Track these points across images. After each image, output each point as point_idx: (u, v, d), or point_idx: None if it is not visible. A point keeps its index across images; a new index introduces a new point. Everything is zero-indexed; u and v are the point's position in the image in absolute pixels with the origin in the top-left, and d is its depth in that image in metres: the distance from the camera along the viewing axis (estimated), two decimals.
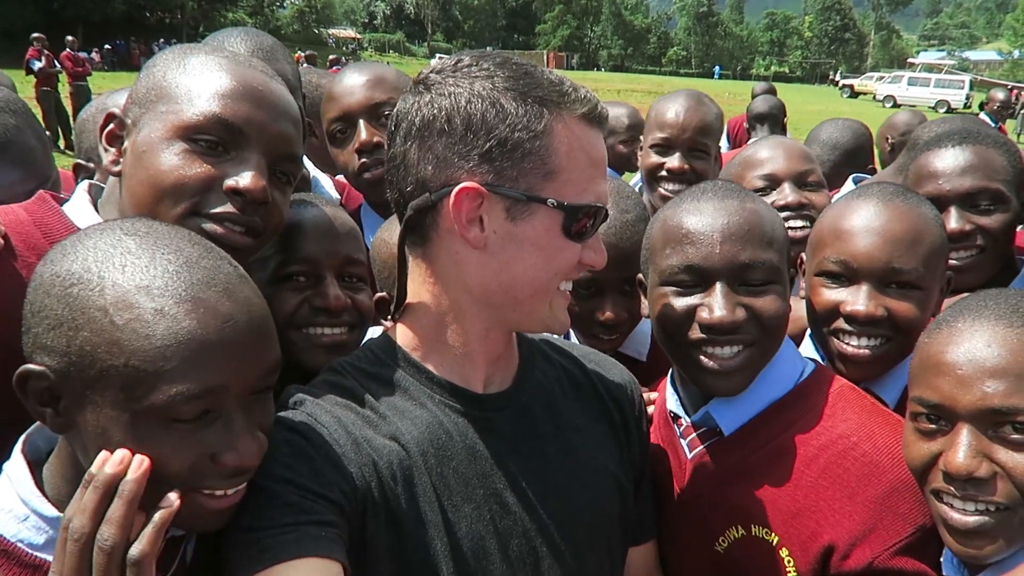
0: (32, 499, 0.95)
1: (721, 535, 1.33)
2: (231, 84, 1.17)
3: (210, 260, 0.94)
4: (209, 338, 0.89)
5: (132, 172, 1.16)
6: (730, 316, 1.26)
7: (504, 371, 1.19)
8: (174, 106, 1.15)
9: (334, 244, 1.43)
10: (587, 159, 1.06)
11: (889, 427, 1.29)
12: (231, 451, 0.93)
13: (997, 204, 1.78)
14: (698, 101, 2.51)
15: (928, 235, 1.45)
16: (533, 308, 1.09)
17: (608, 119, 1.11)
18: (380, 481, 1.03)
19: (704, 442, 1.39)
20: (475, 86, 1.03)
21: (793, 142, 2.24)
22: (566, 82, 1.07)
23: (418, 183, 1.06)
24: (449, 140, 1.03)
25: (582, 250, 1.09)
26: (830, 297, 1.48)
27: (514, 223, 1.04)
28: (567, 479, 1.18)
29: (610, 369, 1.35)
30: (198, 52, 1.22)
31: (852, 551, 1.20)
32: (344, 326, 1.42)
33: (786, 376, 1.36)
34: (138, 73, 1.26)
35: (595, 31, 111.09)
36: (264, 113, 1.19)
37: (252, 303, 0.95)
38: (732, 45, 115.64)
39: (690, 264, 1.29)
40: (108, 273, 0.88)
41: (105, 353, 0.86)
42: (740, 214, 1.30)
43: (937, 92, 41.04)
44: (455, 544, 1.05)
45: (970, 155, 1.79)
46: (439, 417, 1.10)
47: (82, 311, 0.87)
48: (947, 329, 1.15)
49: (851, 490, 1.23)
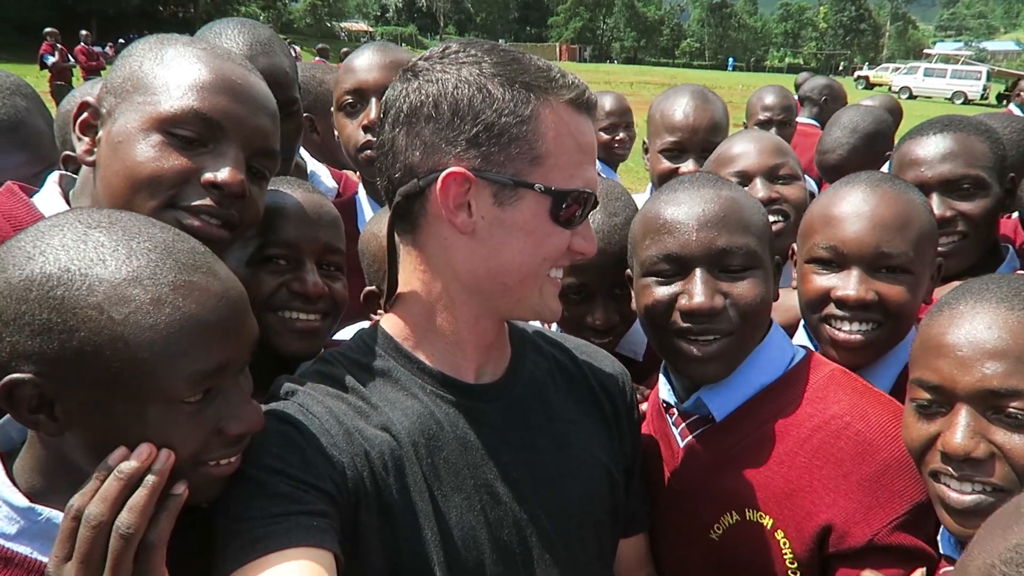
0: (3, 489, 0.95)
1: (715, 522, 1.33)
2: (209, 77, 1.16)
3: (184, 243, 0.95)
4: (209, 318, 0.91)
5: (107, 163, 1.15)
6: (708, 302, 1.27)
7: (496, 362, 1.19)
8: (151, 97, 1.14)
9: (315, 230, 1.42)
10: (575, 144, 1.06)
11: (881, 406, 1.29)
12: (236, 420, 0.95)
13: (978, 190, 1.78)
14: (705, 99, 2.43)
15: (917, 220, 1.47)
16: (522, 294, 1.09)
17: (597, 106, 1.11)
18: (372, 471, 1.04)
19: (696, 430, 1.39)
20: (462, 72, 1.03)
21: (766, 135, 2.20)
22: (554, 68, 1.07)
23: (406, 169, 1.06)
24: (436, 126, 1.03)
25: (571, 236, 1.08)
26: (821, 283, 1.49)
27: (501, 208, 1.04)
28: (558, 470, 1.18)
29: (602, 360, 1.35)
30: (175, 43, 1.21)
31: (850, 529, 1.20)
32: (319, 313, 1.42)
33: (776, 361, 1.37)
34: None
35: (608, 23, 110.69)
36: (242, 107, 1.19)
37: (232, 278, 0.98)
38: (746, 36, 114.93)
39: (668, 253, 1.31)
40: (91, 269, 0.86)
41: (109, 350, 0.86)
42: (716, 201, 1.32)
43: (954, 83, 40.61)
44: (446, 534, 1.05)
45: (951, 142, 1.80)
46: (430, 407, 1.11)
47: (73, 312, 0.85)
48: (948, 311, 1.16)
49: (846, 469, 1.23)
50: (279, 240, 1.39)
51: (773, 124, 3.60)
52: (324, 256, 1.44)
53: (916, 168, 1.82)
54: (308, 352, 1.37)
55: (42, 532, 0.94)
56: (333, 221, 1.47)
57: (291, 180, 1.49)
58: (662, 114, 2.45)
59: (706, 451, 1.36)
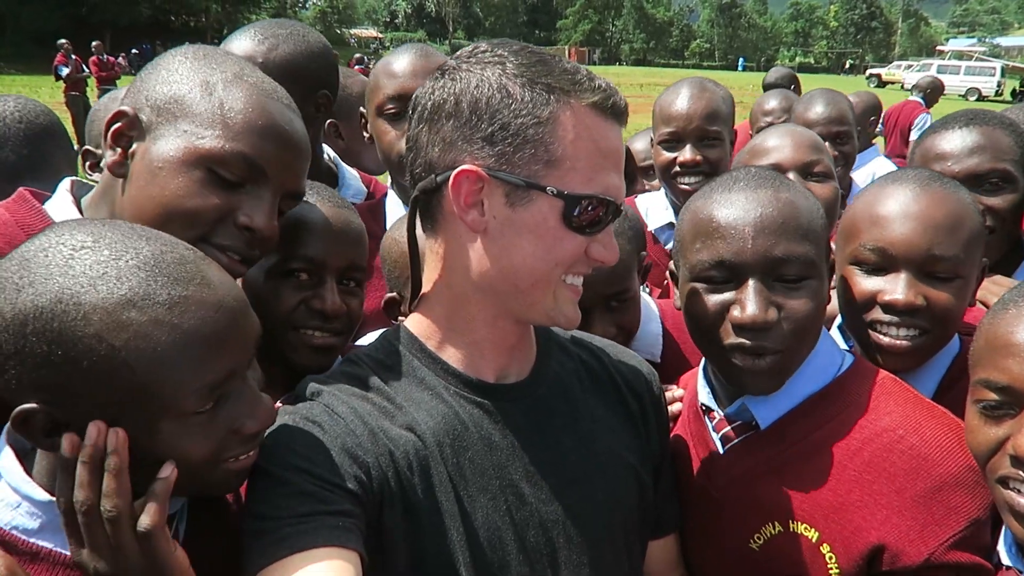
0: (23, 486, 0.97)
1: (756, 532, 1.29)
2: (259, 120, 1.18)
3: (171, 252, 0.93)
4: (209, 331, 0.91)
5: (142, 185, 1.16)
6: (762, 316, 1.20)
7: (521, 362, 1.19)
8: (200, 131, 1.15)
9: (340, 247, 1.42)
10: (595, 149, 1.04)
11: (935, 419, 1.24)
12: (251, 419, 0.97)
13: (1005, 184, 1.76)
14: (701, 87, 2.41)
15: (968, 221, 1.40)
16: (535, 298, 1.08)
17: (626, 112, 1.09)
18: (397, 471, 1.04)
19: (739, 436, 1.34)
20: (486, 72, 1.03)
21: (804, 131, 2.19)
22: (581, 71, 1.06)
23: (426, 165, 1.07)
24: (456, 123, 1.03)
25: (590, 244, 1.07)
26: (866, 286, 1.43)
27: (513, 209, 1.03)
28: (585, 470, 1.17)
29: (628, 360, 1.33)
30: (224, 69, 1.21)
31: (905, 548, 1.15)
32: (335, 331, 1.43)
33: (824, 368, 1.31)
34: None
35: (617, 25, 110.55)
36: (286, 154, 1.22)
37: (227, 282, 0.97)
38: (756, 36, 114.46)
39: (721, 259, 1.24)
40: (83, 297, 0.86)
41: (114, 376, 0.86)
42: (774, 205, 1.24)
43: (967, 80, 40.31)
44: (471, 534, 1.05)
45: (978, 136, 1.77)
46: (455, 408, 1.10)
47: (73, 344, 0.85)
48: (1015, 308, 1.11)
49: (899, 485, 1.18)
50: (303, 255, 1.39)
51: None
52: (346, 273, 1.44)
53: (942, 162, 1.78)
54: (321, 368, 1.36)
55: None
56: (358, 238, 1.46)
57: (320, 190, 1.47)
58: (660, 107, 2.46)
59: (749, 458, 1.31)
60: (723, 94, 2.47)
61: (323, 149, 2.20)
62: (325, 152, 2.23)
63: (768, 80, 5.34)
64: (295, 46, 1.89)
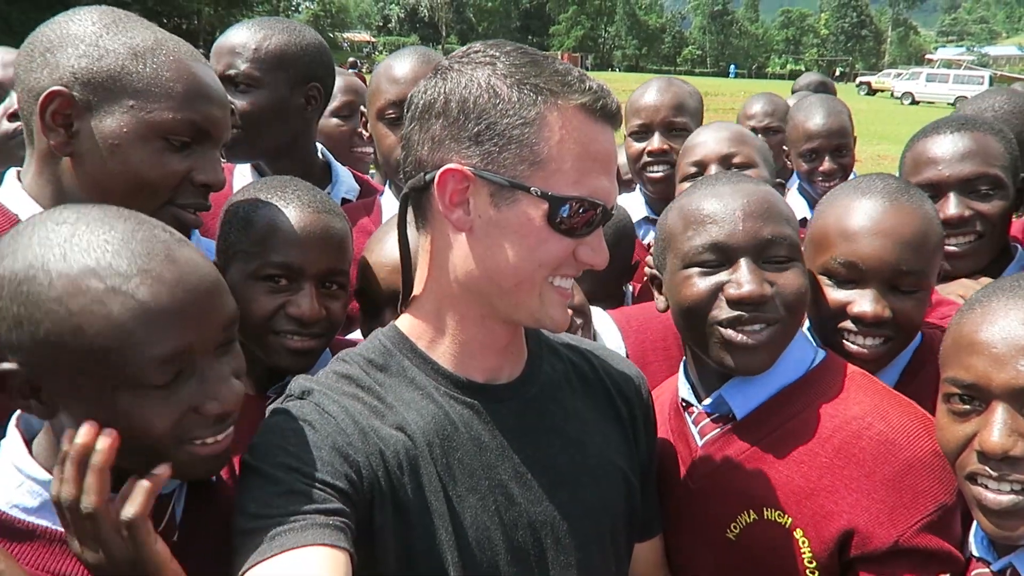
0: (26, 465, 1.01)
1: (732, 521, 1.32)
2: (197, 86, 1.27)
3: (144, 231, 0.97)
4: (163, 305, 0.93)
5: (101, 162, 1.22)
6: (759, 289, 1.26)
7: (512, 364, 1.19)
8: (146, 104, 1.22)
9: (319, 252, 1.41)
10: (583, 151, 1.04)
11: (902, 408, 1.29)
12: (211, 401, 0.98)
13: (995, 190, 1.77)
14: (668, 83, 2.54)
15: (932, 234, 1.47)
16: (519, 299, 1.07)
17: (618, 115, 1.09)
18: (387, 471, 1.04)
19: (715, 428, 1.39)
20: (476, 72, 1.04)
21: (724, 125, 2.25)
22: (573, 72, 1.06)
23: (416, 163, 1.07)
24: (444, 122, 1.04)
25: (578, 246, 1.07)
26: (837, 297, 1.48)
27: (497, 209, 1.04)
28: (574, 472, 1.17)
29: (618, 364, 1.34)
30: (142, 37, 1.26)
31: (874, 531, 1.19)
32: (313, 336, 1.42)
33: (798, 361, 1.37)
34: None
35: (609, 31, 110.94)
36: (220, 110, 1.33)
37: (196, 263, 1.00)
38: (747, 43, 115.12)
39: (715, 242, 1.30)
40: (52, 265, 0.91)
41: (70, 339, 0.90)
42: (758, 194, 1.33)
43: (956, 88, 40.52)
44: (460, 534, 1.05)
45: (968, 141, 1.78)
46: (445, 408, 1.10)
47: (37, 306, 0.91)
48: (980, 309, 1.15)
49: (867, 469, 1.22)
50: (279, 262, 1.38)
51: (758, 132, 3.61)
52: (326, 277, 1.43)
53: (933, 167, 1.79)
54: (299, 370, 1.37)
55: None
56: (340, 242, 1.45)
57: (302, 192, 1.46)
58: (630, 102, 2.55)
59: (725, 450, 1.35)
60: (690, 90, 2.58)
61: (315, 146, 2.21)
62: (319, 150, 2.24)
63: (798, 86, 5.20)
64: (289, 37, 1.96)
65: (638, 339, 1.83)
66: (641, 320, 1.85)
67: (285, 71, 1.94)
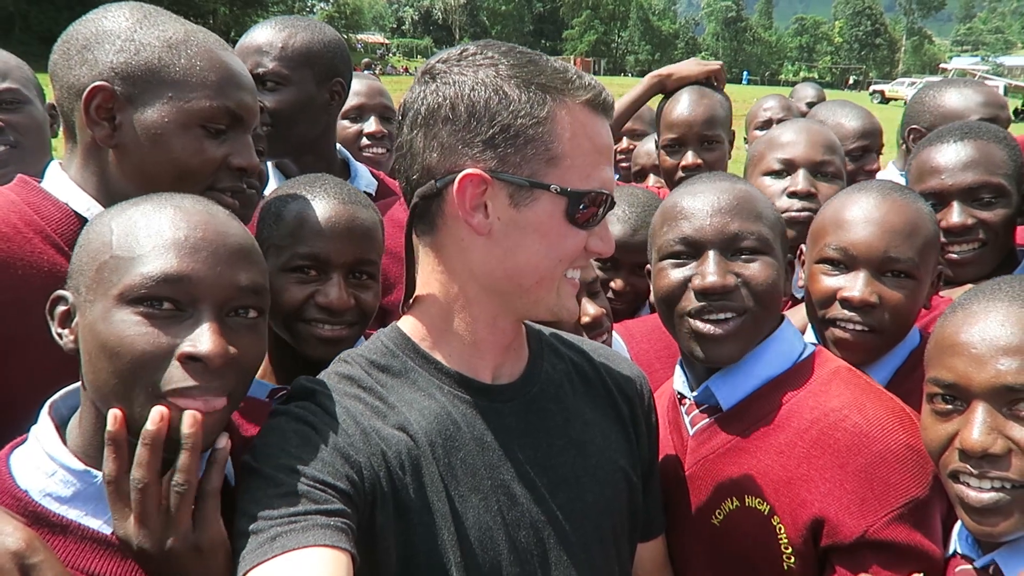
0: (60, 455, 1.02)
1: (717, 508, 1.37)
2: (229, 74, 1.33)
3: (199, 203, 1.08)
4: (180, 236, 1.01)
5: (147, 151, 1.28)
6: (721, 280, 1.32)
7: (513, 363, 1.20)
8: (185, 94, 1.28)
9: (346, 243, 1.44)
10: (591, 146, 1.07)
11: (880, 402, 1.32)
12: (190, 343, 0.98)
13: (998, 198, 1.79)
14: (700, 94, 2.57)
15: (923, 228, 1.52)
16: (539, 295, 1.10)
17: (613, 107, 1.13)
18: (389, 471, 1.04)
19: (705, 419, 1.44)
20: (479, 74, 1.05)
21: (821, 129, 2.22)
22: (571, 70, 1.08)
23: (424, 170, 1.07)
24: (453, 127, 1.04)
25: (588, 237, 1.09)
26: (828, 283, 1.55)
27: (517, 209, 1.05)
28: (575, 472, 1.18)
29: (619, 363, 1.35)
30: (173, 29, 1.31)
31: (844, 520, 1.21)
32: (344, 324, 1.45)
33: (785, 355, 1.41)
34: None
35: (622, 37, 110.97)
36: (250, 96, 1.38)
37: (229, 223, 1.07)
38: (760, 50, 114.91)
39: (684, 236, 1.38)
40: (117, 226, 1.03)
41: (98, 256, 1.01)
42: (730, 192, 1.39)
43: None
44: (462, 534, 1.06)
45: (972, 150, 1.80)
46: (447, 408, 1.11)
47: (92, 247, 1.02)
48: (962, 311, 1.19)
49: (841, 460, 1.25)
50: (306, 253, 1.42)
51: (774, 123, 3.63)
52: (355, 267, 1.45)
53: (936, 175, 1.82)
54: (331, 359, 1.38)
55: (96, 494, 1.02)
56: (366, 232, 1.47)
57: (329, 185, 1.50)
58: (664, 113, 2.62)
59: (712, 439, 1.41)
60: (720, 99, 2.61)
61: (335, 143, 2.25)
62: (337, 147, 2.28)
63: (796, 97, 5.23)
64: (312, 35, 2.01)
65: (643, 350, 1.87)
66: (644, 331, 1.90)
67: (311, 68, 1.99)
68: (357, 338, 1.48)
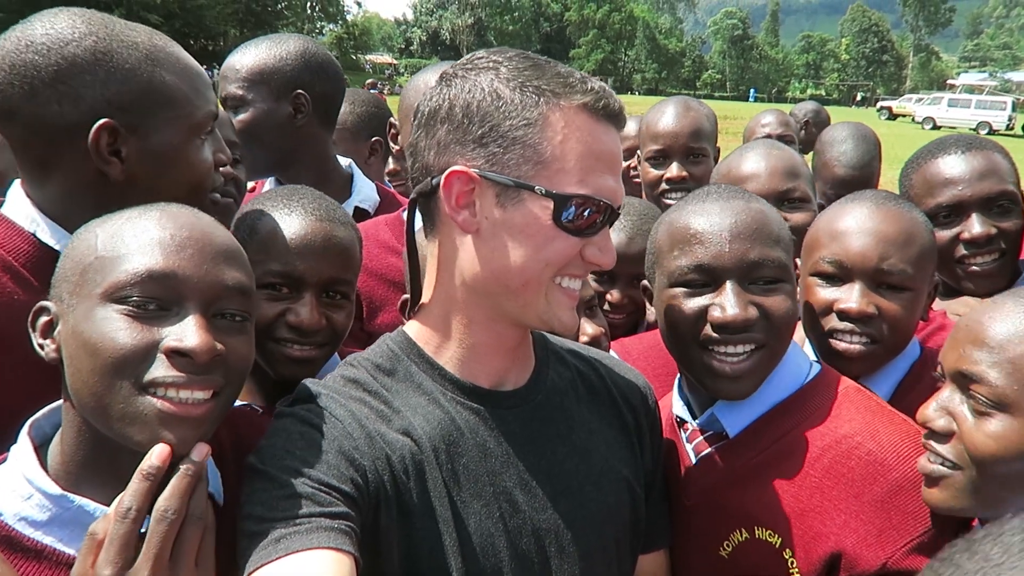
0: (36, 478, 0.99)
1: (725, 539, 1.32)
2: (200, 79, 1.34)
3: (188, 209, 1.09)
4: (165, 235, 1.01)
5: (161, 172, 1.27)
6: (743, 313, 1.26)
7: (518, 371, 1.20)
8: (182, 109, 1.28)
9: (320, 261, 1.40)
10: (586, 150, 1.05)
11: (893, 426, 1.28)
12: (174, 338, 0.97)
13: (1013, 206, 1.77)
14: (686, 106, 2.52)
15: (919, 238, 1.50)
16: (527, 299, 1.08)
17: (621, 114, 1.11)
18: (393, 475, 1.05)
19: (709, 446, 1.39)
20: (479, 77, 1.06)
21: (780, 155, 2.12)
22: (576, 75, 1.07)
23: (423, 169, 1.10)
24: (449, 127, 1.06)
25: (584, 245, 1.08)
26: (824, 296, 1.52)
27: (504, 210, 1.05)
28: (578, 481, 1.17)
29: (625, 373, 1.34)
30: (139, 46, 1.26)
31: (863, 553, 1.17)
32: (314, 344, 1.41)
33: (791, 377, 1.36)
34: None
35: (629, 55, 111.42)
36: (211, 92, 1.39)
37: (215, 226, 1.07)
38: (767, 68, 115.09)
39: (700, 263, 1.30)
40: (103, 232, 1.03)
41: (83, 260, 1.00)
42: (747, 213, 1.31)
43: (979, 113, 40.25)
44: (464, 540, 1.06)
45: (982, 160, 1.78)
46: (451, 414, 1.11)
47: (77, 253, 1.02)
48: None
49: (856, 490, 1.21)
50: (278, 271, 1.38)
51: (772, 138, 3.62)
52: (329, 285, 1.42)
53: (952, 187, 1.78)
54: (301, 379, 1.35)
55: (72, 520, 0.98)
56: (342, 251, 1.44)
57: (307, 201, 1.47)
58: (648, 124, 2.54)
59: (718, 467, 1.35)
60: (706, 112, 2.56)
61: (333, 157, 2.25)
62: (343, 162, 2.29)
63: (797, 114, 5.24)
64: (268, 51, 2.03)
65: (640, 369, 1.83)
66: (641, 349, 1.87)
67: (266, 84, 2.02)
68: (327, 359, 1.45)
